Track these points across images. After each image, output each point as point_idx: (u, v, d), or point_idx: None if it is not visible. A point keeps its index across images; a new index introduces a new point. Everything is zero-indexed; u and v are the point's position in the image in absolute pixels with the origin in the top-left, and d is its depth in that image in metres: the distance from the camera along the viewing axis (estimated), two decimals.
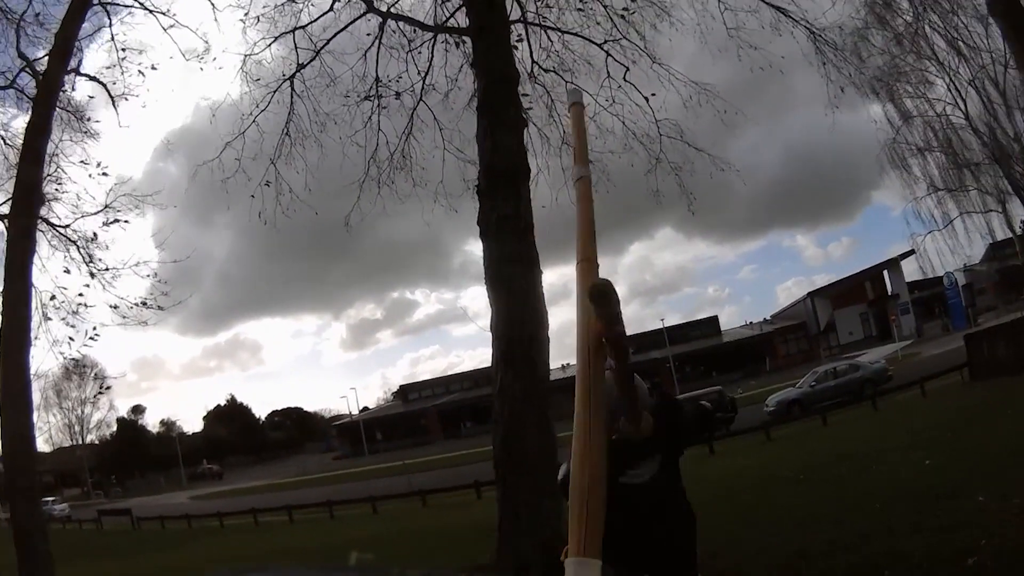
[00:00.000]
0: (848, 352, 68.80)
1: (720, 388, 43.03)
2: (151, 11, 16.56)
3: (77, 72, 15.13)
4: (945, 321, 73.10)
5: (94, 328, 15.55)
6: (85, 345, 15.86)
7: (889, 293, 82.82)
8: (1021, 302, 43.00)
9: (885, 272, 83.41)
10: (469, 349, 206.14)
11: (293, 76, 17.68)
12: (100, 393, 70.78)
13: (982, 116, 33.23)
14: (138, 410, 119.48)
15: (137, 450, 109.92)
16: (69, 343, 15.64)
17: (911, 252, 41.15)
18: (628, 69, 17.64)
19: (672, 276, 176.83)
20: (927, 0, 21.48)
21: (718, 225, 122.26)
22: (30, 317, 11.89)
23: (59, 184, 16.07)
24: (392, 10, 17.34)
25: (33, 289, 12.19)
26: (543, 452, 11.88)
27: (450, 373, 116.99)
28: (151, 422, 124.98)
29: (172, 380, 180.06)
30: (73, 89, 15.98)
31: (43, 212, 14.09)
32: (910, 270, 71.69)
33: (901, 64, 30.78)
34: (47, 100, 12.88)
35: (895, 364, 46.38)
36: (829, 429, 28.50)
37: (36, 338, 13.15)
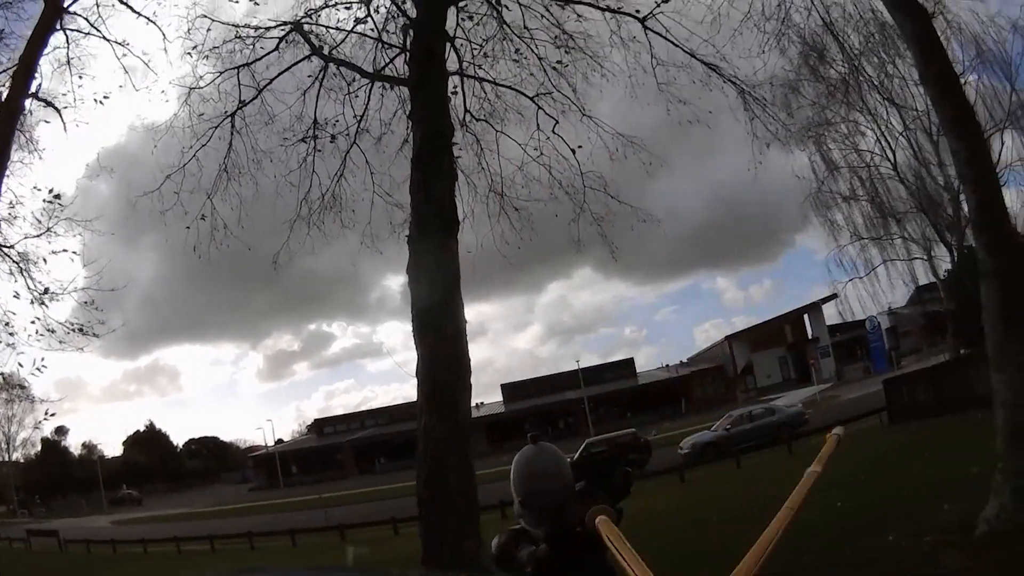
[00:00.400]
0: (766, 395, 69.26)
1: (634, 430, 43.32)
2: (108, 40, 16.72)
3: (35, 96, 15.21)
4: (867, 364, 73.93)
5: (42, 360, 15.67)
6: (32, 375, 16.02)
7: (809, 336, 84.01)
8: (944, 345, 43.97)
9: (806, 316, 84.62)
10: (383, 384, 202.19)
11: (235, 113, 17.96)
12: (44, 419, 68.69)
13: (911, 166, 34.45)
14: (61, 431, 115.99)
15: (60, 471, 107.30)
16: (19, 368, 15.80)
17: (833, 296, 42.26)
18: (557, 122, 18.27)
19: (589, 316, 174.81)
20: (863, 51, 22.14)
21: (639, 266, 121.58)
22: None
23: (12, 207, 16.12)
24: (334, 53, 17.77)
25: None
26: (464, 493, 12.35)
27: (364, 408, 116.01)
28: (73, 444, 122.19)
29: (93, 402, 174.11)
30: (31, 113, 16.08)
31: None
32: (831, 313, 72.74)
33: (831, 115, 31.72)
34: (8, 123, 13.00)
35: (813, 407, 46.96)
36: (743, 472, 28.86)
37: None
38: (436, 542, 12.24)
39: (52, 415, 28.65)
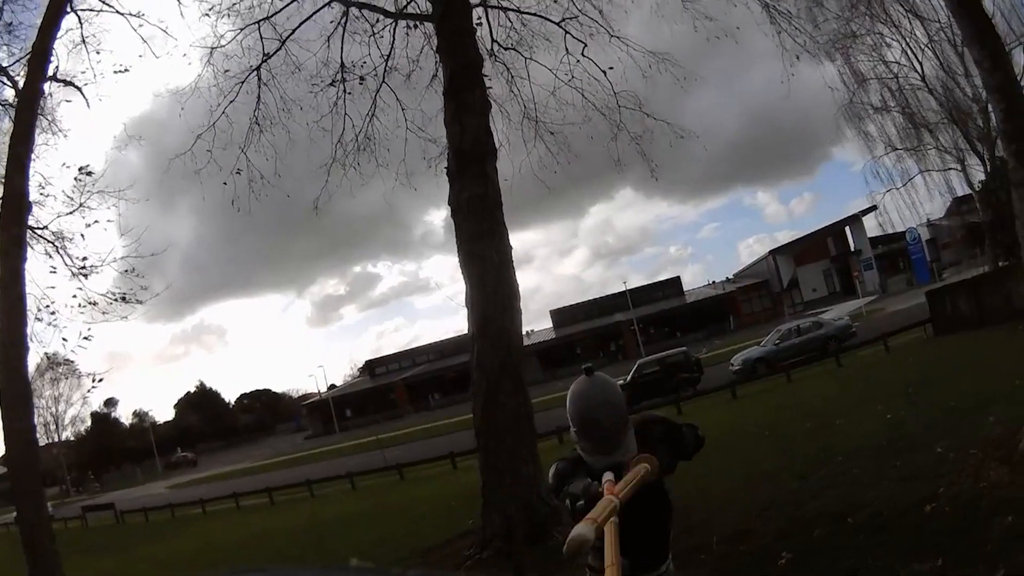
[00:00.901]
0: (812, 309, 69.11)
1: (685, 349, 43.32)
2: (122, 13, 16.60)
3: (54, 79, 15.16)
4: (909, 276, 73.83)
5: (88, 329, 15.76)
6: (79, 346, 16.15)
7: (852, 249, 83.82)
8: (984, 257, 43.61)
9: (847, 228, 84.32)
10: (433, 319, 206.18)
11: (260, 66, 17.86)
12: (93, 388, 69.20)
13: (939, 77, 34.01)
14: (111, 403, 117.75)
15: (112, 443, 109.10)
16: (63, 344, 15.93)
17: (873, 208, 42.03)
18: (586, 45, 17.98)
19: (633, 237, 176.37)
20: None
21: (678, 184, 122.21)
22: (26, 323, 12.06)
23: (42, 189, 16.13)
24: None
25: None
26: (520, 420, 12.43)
27: (415, 346, 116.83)
28: (124, 414, 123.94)
29: (142, 369, 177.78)
30: (51, 95, 16.04)
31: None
32: (872, 225, 72.18)
33: (856, 28, 31.41)
34: (29, 108, 13.01)
35: (859, 320, 46.89)
36: (794, 386, 28.90)
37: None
38: (495, 471, 12.35)
39: (100, 381, 28.92)
